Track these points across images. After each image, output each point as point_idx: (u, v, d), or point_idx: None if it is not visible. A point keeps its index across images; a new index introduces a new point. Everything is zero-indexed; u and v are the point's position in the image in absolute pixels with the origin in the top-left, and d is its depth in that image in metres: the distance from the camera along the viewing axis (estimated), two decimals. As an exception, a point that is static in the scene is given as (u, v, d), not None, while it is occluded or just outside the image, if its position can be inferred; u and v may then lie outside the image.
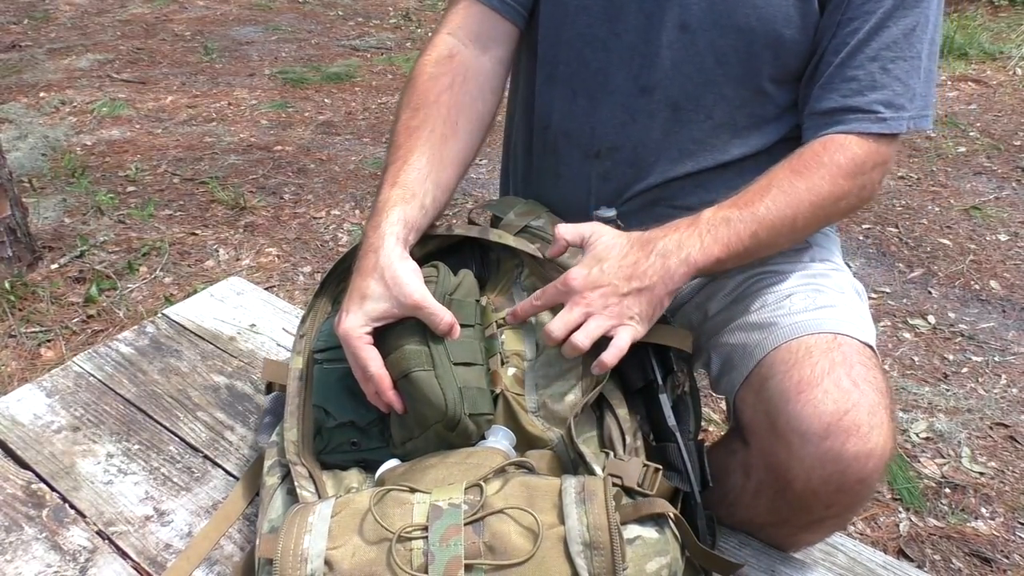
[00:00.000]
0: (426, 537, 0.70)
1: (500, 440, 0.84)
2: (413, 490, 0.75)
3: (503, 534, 0.70)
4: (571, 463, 0.85)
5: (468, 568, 0.69)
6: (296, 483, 0.84)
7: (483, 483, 0.74)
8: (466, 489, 0.74)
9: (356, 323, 0.84)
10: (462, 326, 0.86)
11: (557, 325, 0.85)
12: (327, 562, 0.71)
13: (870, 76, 0.93)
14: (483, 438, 0.85)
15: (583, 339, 0.83)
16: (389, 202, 0.90)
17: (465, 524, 0.71)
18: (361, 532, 0.72)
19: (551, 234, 1.01)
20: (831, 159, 0.93)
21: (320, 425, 0.89)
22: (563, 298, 0.86)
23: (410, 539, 0.71)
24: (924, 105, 0.96)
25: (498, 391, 0.88)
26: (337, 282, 1.01)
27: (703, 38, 0.95)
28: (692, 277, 0.87)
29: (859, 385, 0.82)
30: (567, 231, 0.91)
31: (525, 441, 0.87)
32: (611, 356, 0.83)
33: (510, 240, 0.98)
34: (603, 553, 0.69)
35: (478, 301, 0.92)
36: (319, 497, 0.83)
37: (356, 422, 0.87)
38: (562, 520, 0.71)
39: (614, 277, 0.85)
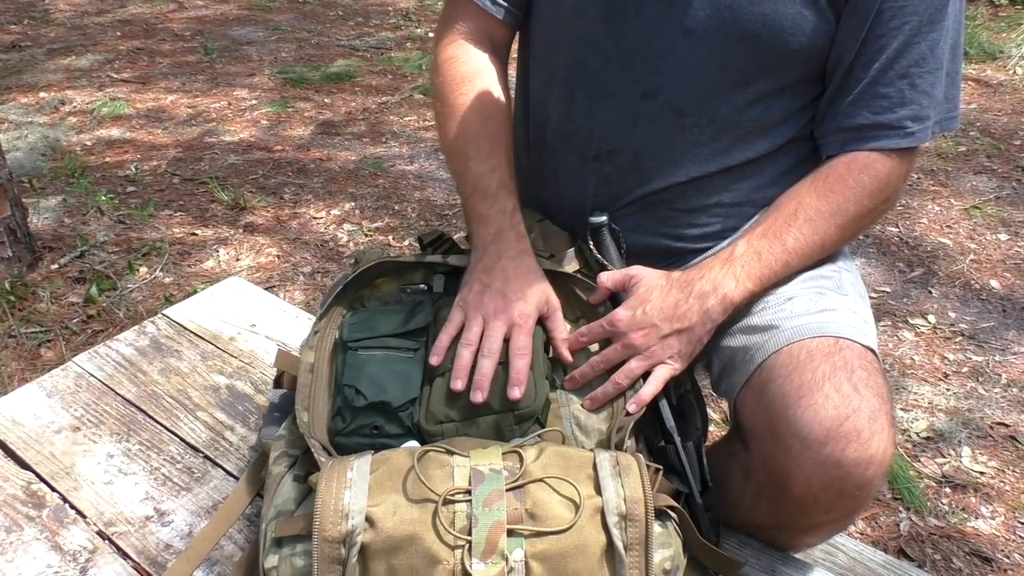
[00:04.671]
0: (469, 500, 0.72)
1: (531, 440, 0.85)
2: (450, 452, 0.76)
3: (544, 502, 0.72)
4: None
5: (510, 533, 0.70)
6: (314, 452, 0.83)
7: (521, 450, 0.76)
8: (503, 455, 0.76)
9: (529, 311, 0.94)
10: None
11: (599, 361, 0.92)
12: (368, 519, 0.71)
13: (900, 93, 0.94)
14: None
15: (623, 378, 0.91)
16: (518, 210, 1.01)
17: (506, 490, 0.72)
18: (403, 491, 0.73)
19: (541, 249, 1.04)
20: (857, 180, 0.95)
21: (343, 406, 0.89)
22: (608, 336, 0.93)
23: (453, 501, 0.72)
24: (949, 108, 0.97)
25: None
26: (357, 288, 1.02)
27: (707, 44, 0.94)
28: (728, 312, 0.93)
29: (860, 390, 0.82)
30: (608, 279, 0.97)
31: None
32: (647, 393, 0.90)
33: (569, 270, 1.03)
34: (637, 525, 0.72)
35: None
36: None
37: (390, 402, 0.87)
38: (598, 491, 0.73)
39: (656, 318, 0.91)
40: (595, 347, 0.95)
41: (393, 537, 0.70)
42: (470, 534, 0.70)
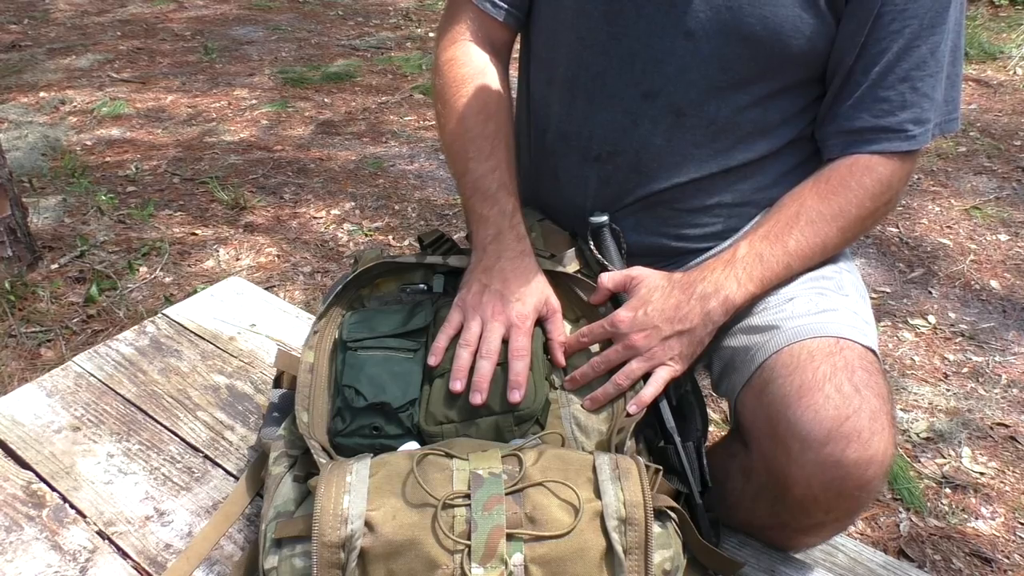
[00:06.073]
0: (468, 504, 0.72)
1: (531, 443, 0.85)
2: (450, 455, 0.76)
3: (544, 507, 0.72)
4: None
5: (509, 537, 0.70)
6: (313, 454, 0.83)
7: (520, 453, 0.76)
8: (503, 458, 0.76)
9: (527, 312, 0.94)
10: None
11: (600, 362, 0.92)
12: (367, 523, 0.71)
13: (901, 96, 0.94)
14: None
15: (624, 379, 0.91)
16: (518, 211, 1.01)
17: (506, 494, 0.72)
18: (402, 495, 0.73)
19: (541, 249, 1.04)
20: (858, 183, 0.95)
21: (343, 407, 0.89)
22: (609, 337, 0.93)
23: (452, 506, 0.72)
24: (949, 110, 0.97)
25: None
26: (356, 288, 1.02)
27: (708, 46, 0.94)
28: (729, 314, 0.93)
29: (860, 391, 0.82)
30: (609, 280, 0.97)
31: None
32: (648, 394, 0.90)
33: (570, 270, 1.03)
34: (637, 529, 0.72)
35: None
36: None
37: (390, 403, 0.87)
38: (598, 495, 0.73)
39: (658, 320, 0.91)
40: (595, 347, 0.95)
41: (392, 541, 0.70)
42: (469, 538, 0.70)
